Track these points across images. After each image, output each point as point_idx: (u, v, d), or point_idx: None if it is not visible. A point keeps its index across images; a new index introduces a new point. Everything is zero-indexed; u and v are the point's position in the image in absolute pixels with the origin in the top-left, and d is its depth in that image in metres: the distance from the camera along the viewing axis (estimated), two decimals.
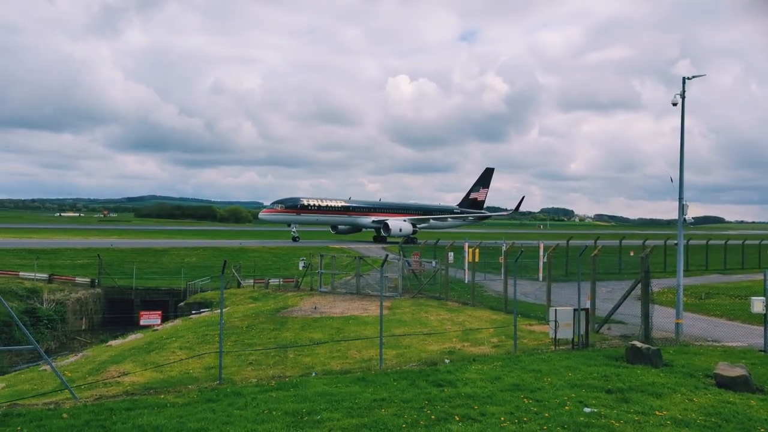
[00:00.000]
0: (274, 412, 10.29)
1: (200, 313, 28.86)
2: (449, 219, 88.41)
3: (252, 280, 37.75)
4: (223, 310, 14.83)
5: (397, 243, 75.20)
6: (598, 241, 35.47)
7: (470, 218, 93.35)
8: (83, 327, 37.02)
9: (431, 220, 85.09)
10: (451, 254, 30.89)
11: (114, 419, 9.83)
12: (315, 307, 25.22)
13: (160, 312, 22.96)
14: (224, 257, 48.83)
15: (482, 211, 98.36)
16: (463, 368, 13.89)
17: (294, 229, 73.97)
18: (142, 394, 11.86)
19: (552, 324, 16.35)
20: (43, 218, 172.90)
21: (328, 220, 78.41)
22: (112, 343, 21.50)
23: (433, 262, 31.82)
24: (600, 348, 16.61)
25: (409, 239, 79.32)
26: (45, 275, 38.52)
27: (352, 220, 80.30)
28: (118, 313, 37.63)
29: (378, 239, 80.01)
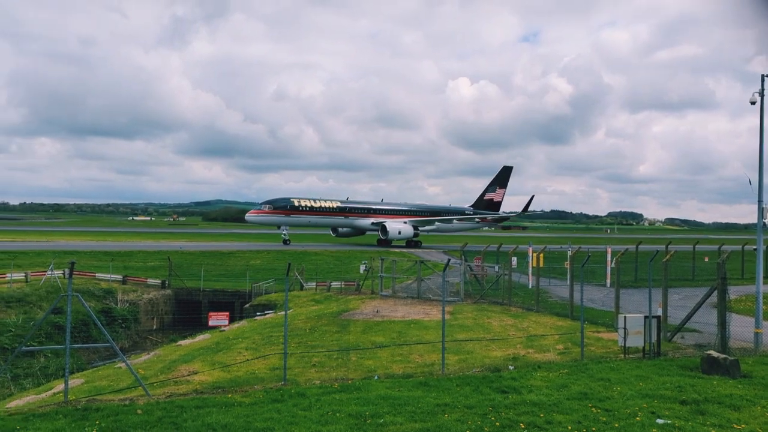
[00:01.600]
0: (337, 414, 10.38)
1: (265, 314, 29.45)
2: (455, 221, 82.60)
3: (314, 283, 38.27)
4: (287, 312, 15.06)
5: (402, 246, 73.01)
6: (669, 246, 34.10)
7: (477, 220, 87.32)
8: (154, 327, 38.45)
9: (436, 222, 79.81)
10: (514, 259, 30.38)
11: (185, 417, 10.14)
12: (377, 311, 25.30)
13: (227, 313, 23.59)
14: (287, 260, 49.78)
15: (498, 212, 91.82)
16: (528, 375, 13.62)
17: (284, 232, 70.02)
18: (211, 393, 12.19)
19: (621, 331, 15.81)
20: (117, 222, 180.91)
21: (322, 221, 74.03)
22: (182, 342, 22.19)
23: (496, 267, 31.38)
24: (673, 357, 15.94)
25: (412, 242, 75.54)
26: (119, 277, 40.25)
27: (349, 222, 76.00)
28: (186, 314, 38.89)
29: (381, 242, 75.08)
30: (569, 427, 9.76)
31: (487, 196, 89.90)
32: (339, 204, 74.17)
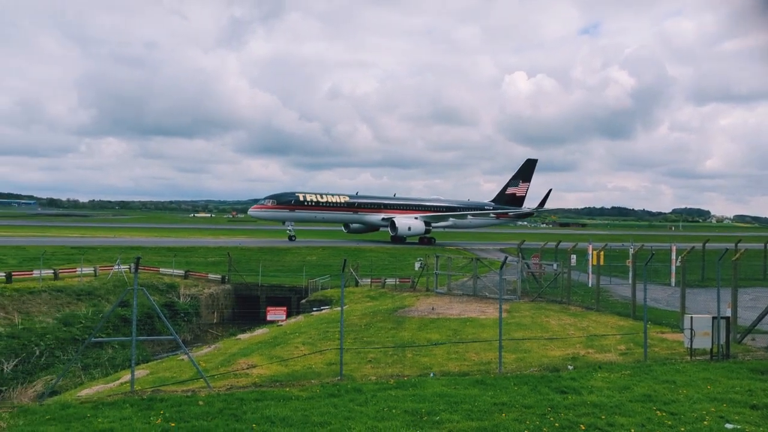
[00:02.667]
0: (393, 411, 10.38)
1: (321, 310, 29.80)
2: (469, 217, 77.16)
3: (369, 279, 38.47)
4: (343, 308, 15.16)
5: (415, 243, 70.69)
6: (739, 244, 32.58)
7: (492, 215, 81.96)
8: (214, 320, 39.51)
9: (451, 219, 75.53)
10: (573, 257, 29.70)
11: (244, 409, 10.35)
12: (432, 308, 25.19)
13: (285, 308, 23.97)
14: (342, 256, 50.17)
15: (521, 207, 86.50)
16: (588, 375, 13.27)
17: (290, 228, 67.46)
18: (269, 386, 12.40)
19: (687, 332, 15.20)
20: (179, 219, 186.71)
21: (329, 217, 70.58)
22: (241, 336, 22.70)
23: (555, 265, 30.75)
24: (743, 360, 15.22)
25: (425, 239, 72.55)
26: (181, 272, 41.54)
27: (358, 218, 72.46)
28: (245, 308, 39.78)
29: (395, 239, 71.22)
30: (632, 430, 9.46)
31: (510, 191, 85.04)
32: (347, 199, 70.90)
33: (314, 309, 30.81)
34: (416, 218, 71.00)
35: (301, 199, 66.75)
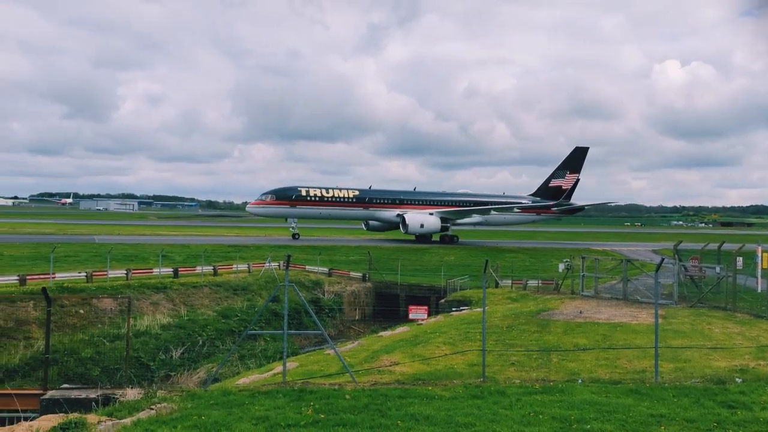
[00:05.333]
0: (540, 416, 10.01)
1: (460, 310, 29.63)
2: (493, 212, 67.87)
3: (510, 281, 37.67)
4: (485, 309, 14.92)
5: (436, 242, 64.99)
6: None
7: (516, 210, 71.25)
8: (357, 317, 40.79)
9: (474, 215, 67.68)
10: (740, 259, 26.96)
11: (389, 405, 10.50)
12: (580, 312, 24.05)
13: (426, 307, 24.14)
14: (481, 257, 49.57)
15: (569, 202, 75.44)
16: (761, 390, 11.96)
17: (293, 225, 62.92)
18: (412, 384, 12.49)
19: None
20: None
21: (336, 213, 65.07)
22: (383, 334, 23.16)
23: (717, 268, 28.09)
24: None
25: (447, 238, 66.18)
26: (326, 269, 43.36)
27: (370, 214, 66.49)
28: (385, 306, 40.65)
29: (419, 238, 65.71)
30: None
31: (554, 183, 74.80)
32: (357, 193, 65.08)
33: (453, 309, 30.70)
34: (431, 214, 64.50)
35: (303, 193, 62.22)
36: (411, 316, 23.69)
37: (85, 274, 31.45)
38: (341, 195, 63.92)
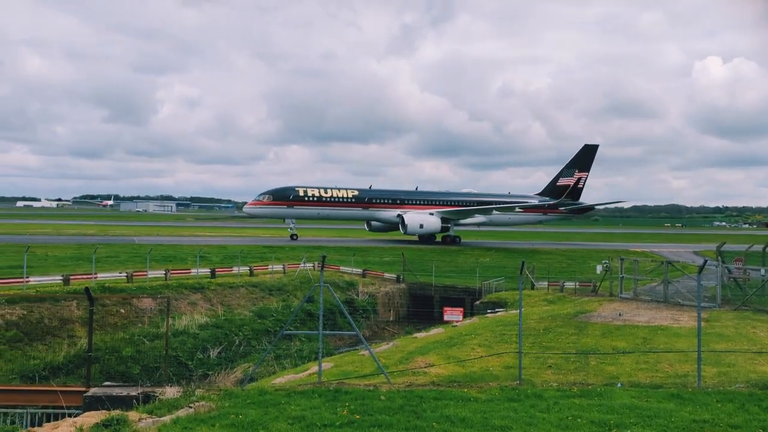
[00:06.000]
0: (578, 420, 9.85)
1: (496, 312, 29.36)
2: (495, 212, 66.13)
3: (546, 282, 37.21)
4: (521, 311, 14.75)
5: (439, 243, 63.50)
6: None
7: (517, 209, 68.60)
8: (391, 318, 40.77)
9: (475, 215, 65.77)
10: None
11: (424, 407, 10.47)
12: (619, 314, 23.58)
13: (462, 309, 23.95)
14: (516, 258, 49.10)
15: (577, 201, 72.95)
16: None
17: (291, 226, 61.83)
18: (447, 386, 12.43)
19: None
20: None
21: (335, 214, 64.26)
22: (417, 335, 23.10)
23: (762, 270, 27.26)
24: None
25: (449, 238, 64.70)
26: (359, 270, 43.47)
27: (369, 214, 65.41)
28: (419, 307, 40.55)
29: (422, 239, 64.42)
30: None
31: (562, 182, 72.49)
32: (356, 193, 64.12)
33: (489, 311, 30.45)
34: (431, 214, 63.09)
35: (301, 194, 61.36)
36: (446, 317, 23.56)
37: (125, 274, 32.18)
38: (340, 195, 63.24)
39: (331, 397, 11.04)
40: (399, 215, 62.70)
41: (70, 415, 12.04)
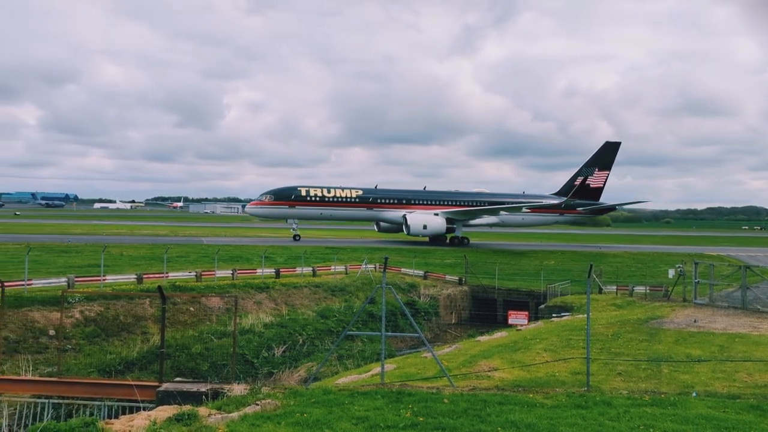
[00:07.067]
0: (650, 430, 9.50)
1: (561, 316, 28.70)
2: (502, 213, 63.54)
3: (614, 287, 36.12)
4: (589, 315, 14.33)
5: (446, 244, 60.82)
6: None
7: (524, 209, 64.58)
8: (452, 321, 40.51)
9: (483, 215, 63.12)
10: None
11: (488, 411, 10.31)
12: (694, 320, 22.58)
13: (527, 313, 23.54)
14: (583, 261, 47.83)
15: (597, 201, 68.75)
16: None
17: (294, 226, 60.84)
18: (512, 391, 12.20)
19: None
20: None
21: (338, 214, 62.88)
22: (480, 338, 22.83)
23: None
24: None
25: (456, 239, 62.09)
26: (421, 272, 43.40)
27: (374, 215, 63.73)
28: (482, 310, 40.14)
29: (433, 240, 62.67)
30: None
31: (581, 181, 68.79)
32: (360, 193, 62.67)
33: (554, 315, 29.79)
34: (436, 214, 61.23)
35: (303, 193, 60.50)
36: (510, 321, 23.22)
37: (194, 273, 33.28)
38: (343, 195, 62.34)
39: (394, 399, 11.04)
40: (404, 216, 61.60)
41: (144, 409, 12.52)
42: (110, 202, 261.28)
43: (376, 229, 68.86)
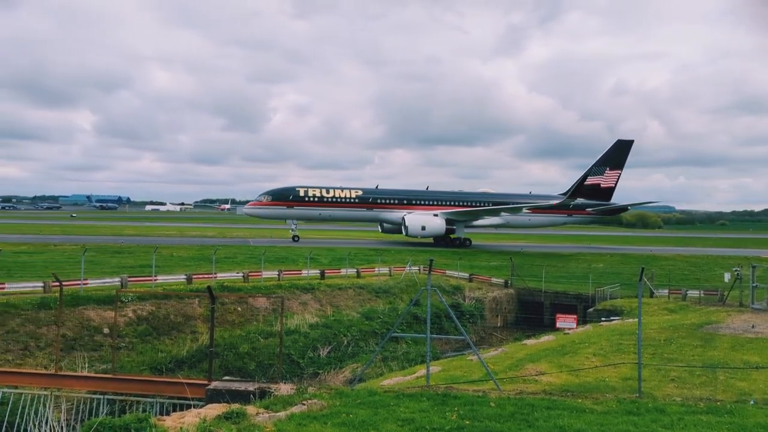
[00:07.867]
0: None
1: (611, 320, 28.03)
2: (503, 213, 62.01)
3: (667, 290, 35.08)
4: (640, 320, 13.94)
5: (447, 246, 58.92)
6: None
7: (525, 210, 62.60)
8: (498, 324, 40.05)
9: (484, 216, 61.25)
10: None
11: (536, 416, 10.13)
12: (752, 326, 21.74)
13: (575, 316, 23.07)
14: (633, 264, 46.67)
15: (609, 201, 66.31)
16: None
17: (293, 227, 60.52)
18: (560, 396, 11.97)
19: None
20: None
21: (337, 214, 62.11)
22: (527, 342, 22.51)
23: None
24: None
25: (457, 241, 60.32)
26: (466, 275, 43.07)
27: (374, 215, 62.81)
28: (529, 314, 39.54)
29: (438, 241, 61.71)
30: None
31: (591, 181, 66.20)
32: (360, 193, 62.00)
33: (603, 319, 29.12)
34: (435, 215, 60.14)
35: (302, 194, 60.06)
36: (558, 324, 22.80)
37: (242, 274, 33.85)
38: (342, 195, 61.77)
39: (439, 401, 10.97)
40: (403, 217, 60.91)
41: (194, 406, 12.80)
42: (161, 204, 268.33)
43: (380, 230, 68.22)
